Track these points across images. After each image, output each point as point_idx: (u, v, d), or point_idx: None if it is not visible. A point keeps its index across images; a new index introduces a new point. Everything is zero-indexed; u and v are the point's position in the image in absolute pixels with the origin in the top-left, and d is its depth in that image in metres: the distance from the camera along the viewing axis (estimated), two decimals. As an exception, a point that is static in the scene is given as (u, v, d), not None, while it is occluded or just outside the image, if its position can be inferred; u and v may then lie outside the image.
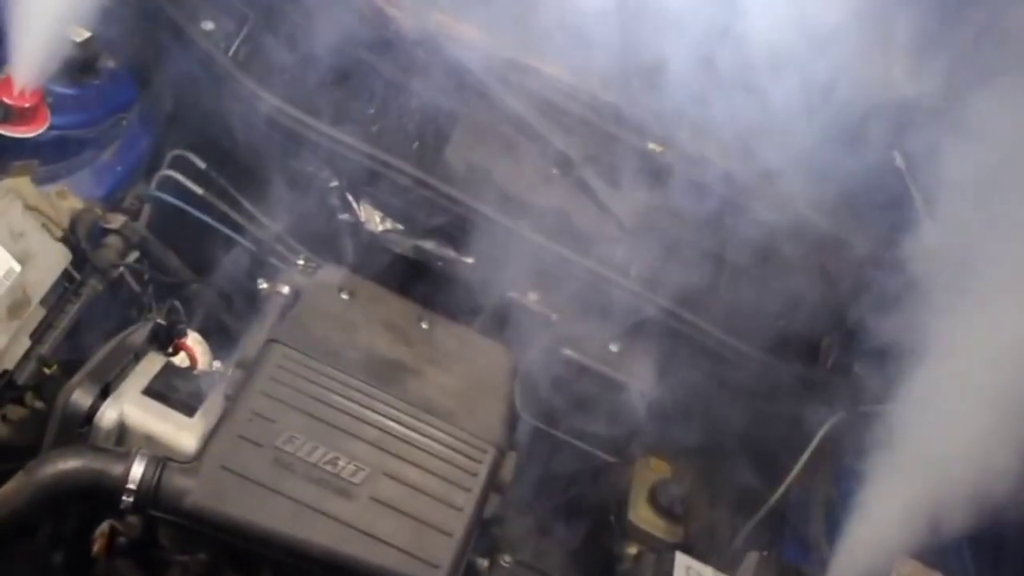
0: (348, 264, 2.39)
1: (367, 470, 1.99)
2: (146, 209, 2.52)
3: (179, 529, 1.98)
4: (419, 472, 2.03)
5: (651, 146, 2.59)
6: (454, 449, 2.08)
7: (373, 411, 2.07)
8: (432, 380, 2.19)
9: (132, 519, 2.02)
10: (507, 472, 2.13)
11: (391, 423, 2.07)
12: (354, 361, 2.14)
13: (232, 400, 2.04)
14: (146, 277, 2.45)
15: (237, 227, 2.51)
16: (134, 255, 2.43)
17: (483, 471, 2.07)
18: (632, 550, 2.40)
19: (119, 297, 2.47)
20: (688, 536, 2.48)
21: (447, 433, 2.09)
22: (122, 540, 2.06)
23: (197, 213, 2.49)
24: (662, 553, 2.23)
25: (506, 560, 2.13)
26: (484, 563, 2.13)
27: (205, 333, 2.36)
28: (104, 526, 2.04)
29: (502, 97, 2.50)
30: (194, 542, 2.01)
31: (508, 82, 2.53)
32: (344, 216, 2.43)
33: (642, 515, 2.45)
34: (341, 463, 1.99)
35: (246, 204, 2.50)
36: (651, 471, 2.54)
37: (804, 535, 2.41)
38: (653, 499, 2.46)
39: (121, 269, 2.38)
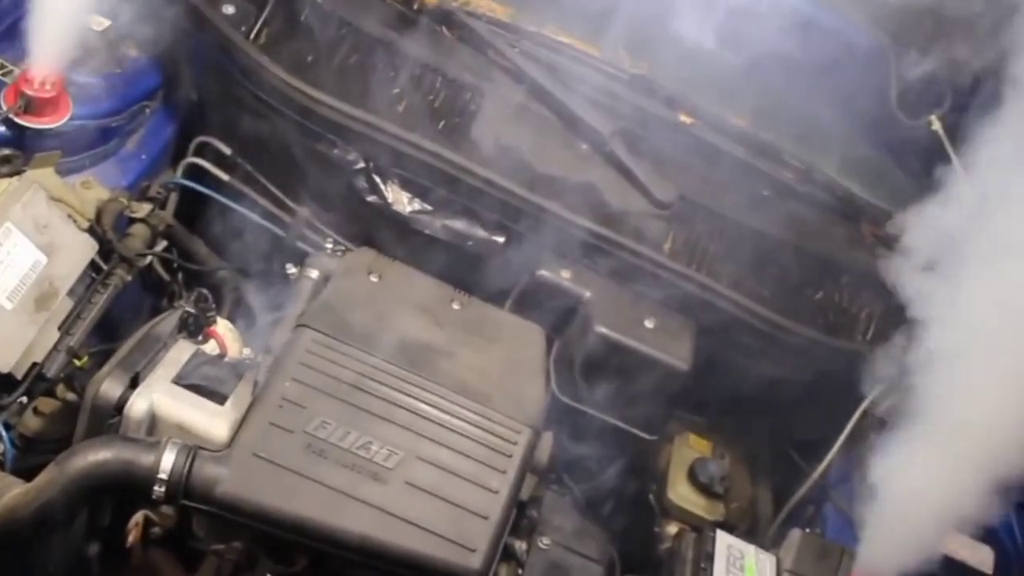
0: (377, 247, 2.35)
1: (400, 454, 1.96)
2: (172, 197, 2.50)
3: (213, 518, 1.97)
4: (453, 455, 2.00)
5: (682, 118, 2.54)
6: (489, 431, 2.04)
7: (405, 394, 2.04)
8: (465, 361, 2.16)
9: (166, 509, 2.01)
10: (543, 453, 2.10)
11: (424, 406, 2.04)
12: (385, 344, 2.11)
13: (262, 387, 2.01)
14: (174, 265, 2.43)
15: (265, 213, 2.48)
16: (161, 244, 2.42)
17: (518, 452, 2.04)
18: (672, 529, 2.36)
19: (148, 287, 2.46)
20: (728, 514, 2.44)
21: (481, 415, 2.06)
22: (156, 530, 2.05)
23: (224, 200, 2.47)
24: (702, 532, 2.18)
25: (544, 542, 2.10)
26: (522, 545, 2.09)
27: (235, 320, 2.34)
28: (138, 517, 2.03)
29: (529, 73, 2.46)
30: (228, 531, 2.00)
31: (535, 57, 2.49)
32: (372, 198, 2.40)
33: (681, 493, 2.42)
34: (374, 448, 1.96)
35: (273, 189, 2.47)
36: (690, 448, 2.50)
37: (846, 512, 2.36)
38: (692, 477, 2.42)
39: (149, 259, 2.36)
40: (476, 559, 1.91)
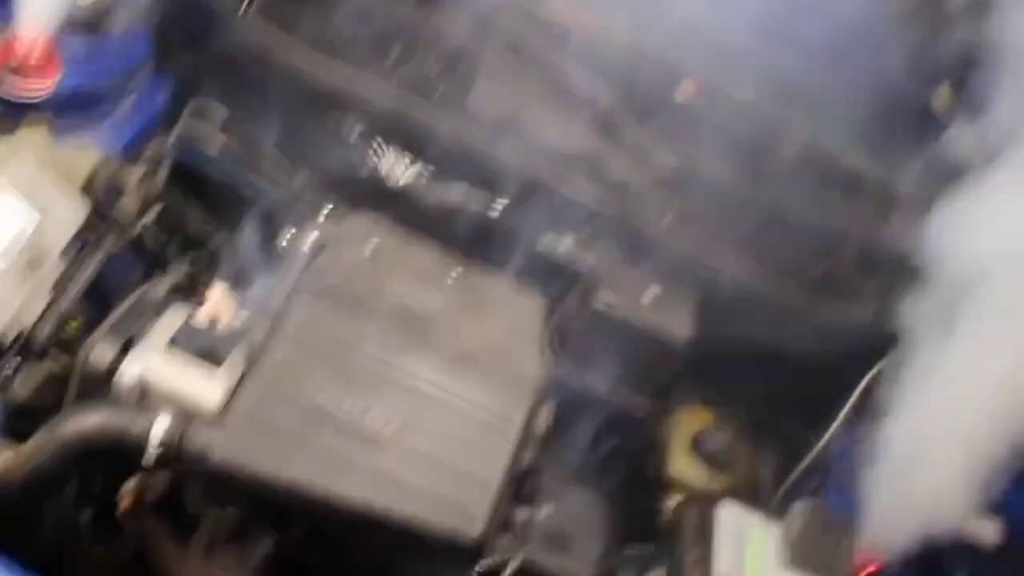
0: (374, 214, 2.31)
1: (399, 421, 1.94)
2: (166, 161, 2.45)
3: (207, 485, 1.94)
4: (453, 422, 1.98)
5: (685, 86, 2.50)
6: (489, 398, 2.01)
7: (404, 361, 2.01)
8: (464, 329, 2.13)
9: (159, 476, 1.98)
10: (543, 422, 2.07)
11: (423, 373, 2.01)
12: (383, 311, 2.08)
13: (257, 353, 1.98)
14: (168, 230, 2.38)
15: (261, 178, 2.43)
16: (155, 209, 2.38)
17: (518, 421, 2.01)
18: (672, 501, 2.33)
19: (141, 252, 2.42)
20: (731, 486, 2.41)
21: (481, 383, 2.03)
22: (150, 497, 2.02)
23: (219, 164, 2.42)
24: (705, 503, 2.15)
25: (544, 512, 2.07)
26: (522, 515, 2.07)
27: (230, 285, 2.30)
28: (131, 483, 1.99)
29: (529, 40, 2.41)
30: (224, 497, 1.97)
31: (535, 24, 2.44)
32: (367, 167, 2.36)
33: (683, 465, 2.39)
34: (372, 414, 1.93)
35: (270, 153, 2.42)
36: (692, 420, 2.47)
37: (847, 485, 2.33)
38: (696, 448, 2.39)
39: (141, 223, 2.32)
40: (476, 525, 1.89)
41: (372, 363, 1.99)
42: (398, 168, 2.35)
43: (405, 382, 1.98)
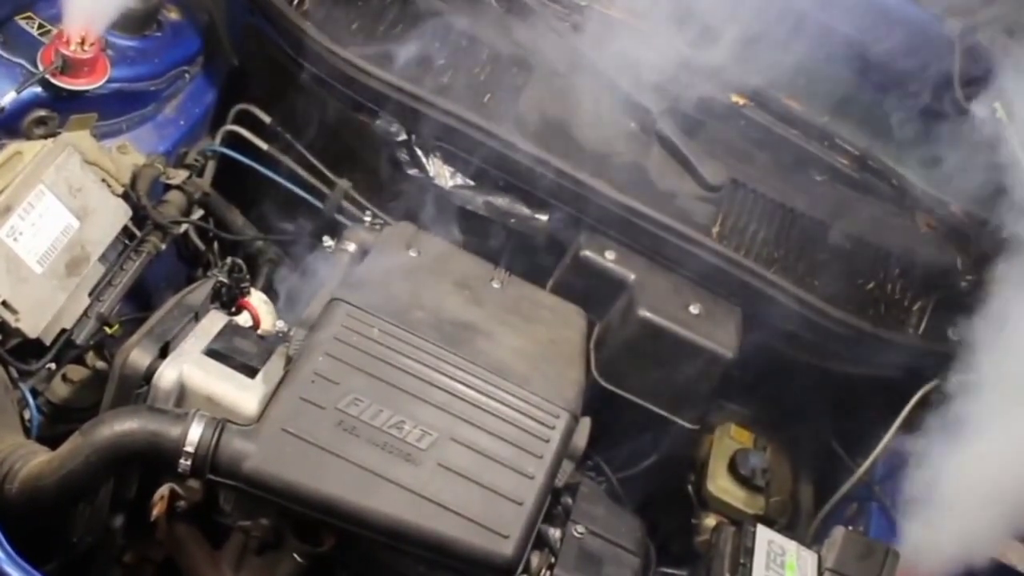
0: (417, 221, 2.29)
1: (434, 435, 1.90)
2: (210, 165, 2.45)
3: (240, 494, 1.91)
4: (489, 438, 1.93)
5: (734, 99, 2.47)
6: (526, 414, 1.98)
7: (441, 373, 1.98)
8: (504, 342, 2.09)
9: (192, 483, 1.97)
10: (581, 439, 2.03)
11: (460, 386, 1.97)
12: (422, 320, 2.05)
13: (294, 361, 1.96)
14: (210, 235, 2.38)
15: (304, 184, 2.43)
16: (197, 213, 2.38)
17: (556, 438, 1.97)
18: (710, 521, 2.29)
19: (183, 256, 2.42)
20: (768, 508, 2.37)
21: (519, 397, 1.99)
22: (182, 504, 2.00)
23: (262, 169, 2.41)
24: (742, 525, 2.11)
25: (578, 530, 2.03)
26: (556, 533, 2.03)
27: (269, 292, 2.29)
28: (163, 490, 1.98)
29: (578, 47, 2.38)
30: (256, 507, 1.95)
31: (584, 31, 2.41)
32: (413, 171, 2.34)
33: (721, 485, 2.35)
34: (407, 427, 1.90)
35: (313, 159, 2.41)
36: (731, 439, 2.43)
37: (890, 510, 2.29)
38: (733, 469, 2.35)
39: (184, 227, 2.32)
40: (509, 545, 1.85)
41: (410, 374, 1.95)
42: (443, 173, 2.33)
43: (443, 395, 1.95)
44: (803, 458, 2.54)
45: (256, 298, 2.25)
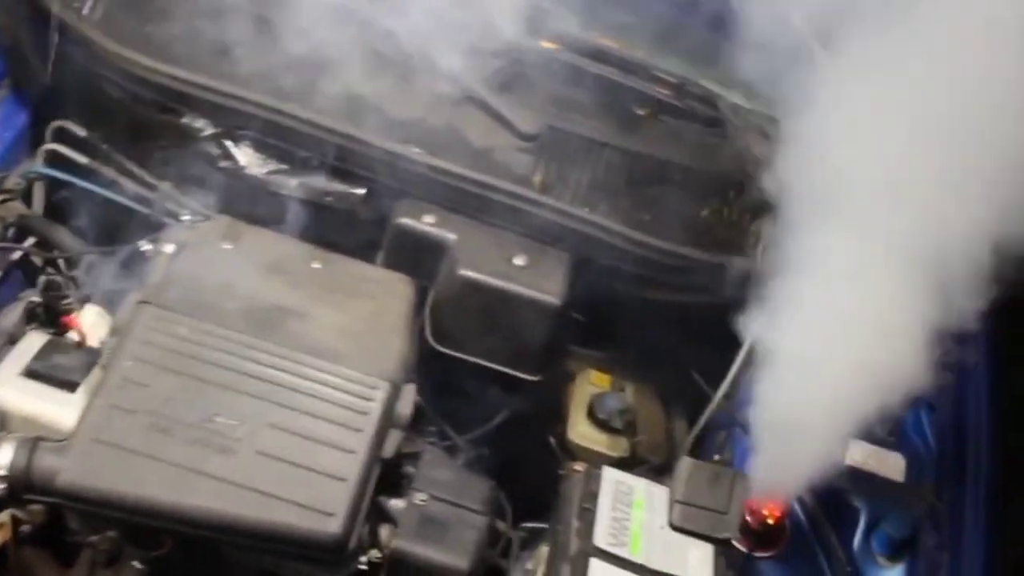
0: (238, 213, 2.28)
1: (249, 423, 1.90)
2: (38, 187, 2.43)
3: (79, 510, 1.92)
4: (306, 419, 1.93)
5: (545, 45, 2.44)
6: (342, 390, 1.97)
7: (253, 362, 1.98)
8: (319, 321, 2.08)
9: (35, 506, 1.96)
10: (405, 407, 2.02)
11: (273, 371, 1.97)
12: (232, 312, 2.04)
13: (105, 369, 1.95)
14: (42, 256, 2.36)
15: (130, 192, 2.40)
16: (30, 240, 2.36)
17: (376, 409, 1.97)
18: (579, 469, 2.28)
19: (12, 278, 2.40)
20: (638, 448, 2.35)
21: (334, 374, 1.99)
22: (26, 528, 2.00)
23: (86, 184, 2.39)
24: (589, 470, 2.09)
25: (420, 498, 2.02)
26: (399, 503, 2.02)
27: (106, 304, 2.27)
28: (3, 517, 1.98)
29: (372, 15, 2.35)
30: (100, 521, 1.94)
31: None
32: (225, 163, 2.32)
33: (582, 432, 2.34)
34: (221, 420, 1.90)
35: (132, 167, 2.39)
36: (591, 385, 2.42)
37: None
38: (592, 414, 2.34)
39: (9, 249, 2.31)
40: (335, 523, 1.85)
41: (220, 367, 1.95)
42: (255, 162, 2.31)
43: (255, 383, 1.94)
44: (671, 394, 2.53)
45: (90, 312, 2.23)
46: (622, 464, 2.27)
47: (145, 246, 2.24)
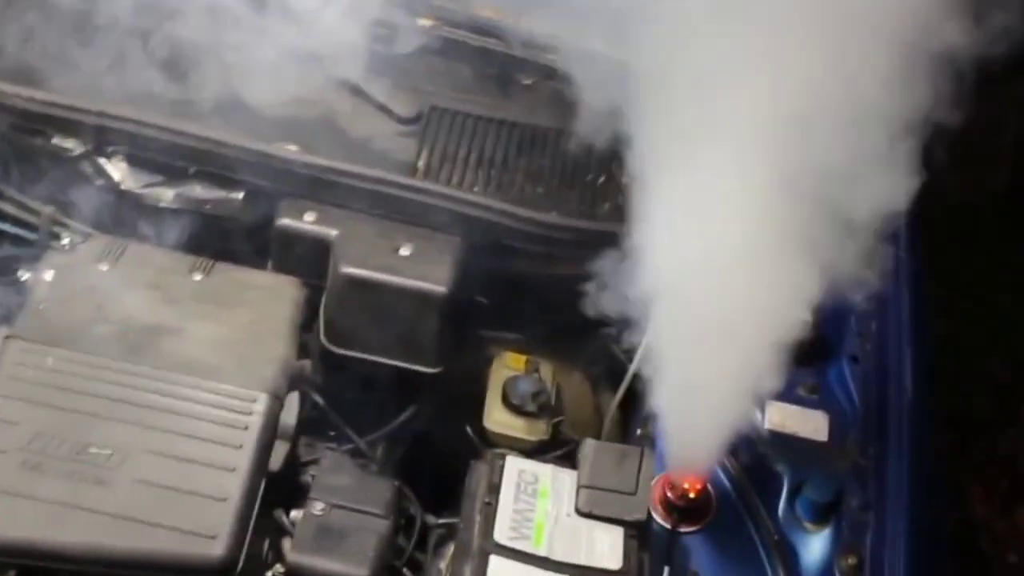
0: (118, 231, 2.22)
1: (124, 452, 1.84)
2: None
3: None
4: (182, 441, 1.87)
5: (421, 22, 2.36)
6: (219, 407, 1.91)
7: (125, 387, 1.92)
8: (196, 336, 2.02)
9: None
10: (290, 416, 1.96)
11: (146, 395, 1.91)
12: (104, 338, 1.98)
13: (-27, 410, 1.90)
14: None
15: (17, 220, 2.34)
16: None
17: (256, 423, 1.91)
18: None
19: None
20: (561, 429, 2.27)
21: (209, 391, 1.92)
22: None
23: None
24: (492, 460, 2.02)
25: (318, 508, 1.96)
26: (296, 514, 1.97)
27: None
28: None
29: (239, 15, 2.27)
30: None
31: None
32: (100, 182, 2.25)
33: (497, 419, 2.24)
34: (94, 450, 1.84)
35: (14, 194, 2.32)
36: (507, 368, 2.32)
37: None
38: (506, 399, 2.26)
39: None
40: (218, 545, 1.79)
41: (92, 396, 1.89)
42: (130, 176, 2.24)
43: (129, 408, 1.88)
44: (596, 368, 2.45)
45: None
46: (543, 447, 2.20)
47: (24, 275, 2.17)
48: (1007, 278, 4.39)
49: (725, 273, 1.79)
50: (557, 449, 2.21)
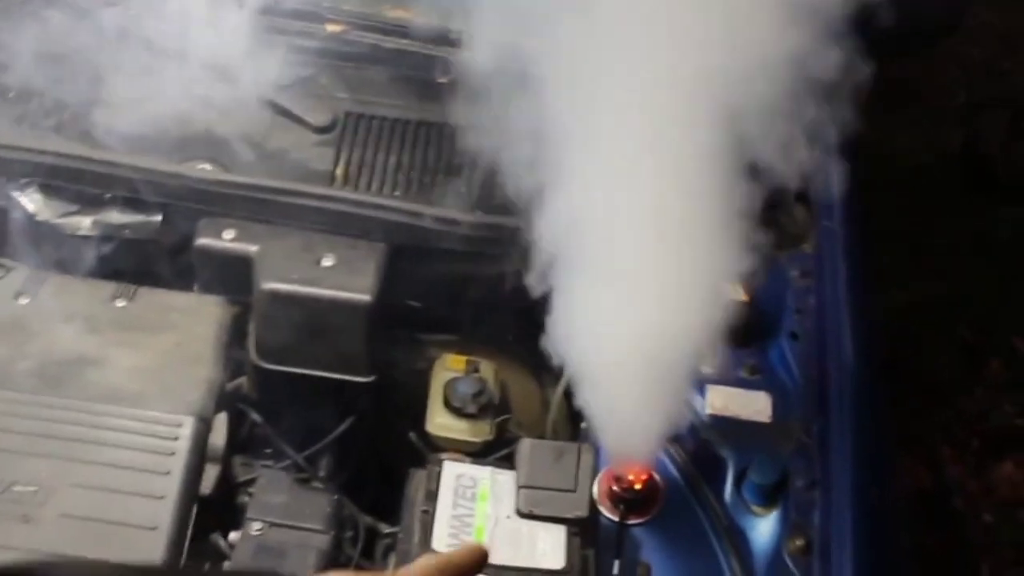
0: (37, 264, 2.18)
1: (49, 487, 1.82)
2: None
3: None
4: (108, 471, 1.85)
5: (330, 28, 2.32)
6: (143, 434, 1.89)
7: (47, 421, 1.90)
8: (119, 365, 2.00)
9: None
10: (218, 438, 1.94)
11: (69, 427, 1.89)
12: (22, 373, 1.96)
13: None
14: None
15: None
16: None
17: (182, 447, 1.89)
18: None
19: None
20: (503, 429, 2.24)
21: (132, 419, 1.91)
22: None
23: None
24: (429, 466, 1.99)
25: (255, 528, 1.94)
26: (235, 536, 1.95)
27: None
28: None
29: (144, 30, 2.24)
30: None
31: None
32: (16, 215, 2.21)
33: (440, 422, 2.20)
34: (18, 488, 1.81)
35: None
36: (448, 370, 2.28)
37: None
38: (447, 402, 2.23)
39: None
40: (150, 576, 1.76)
41: (12, 432, 1.87)
42: (45, 207, 2.20)
43: (52, 443, 1.86)
44: (541, 363, 2.41)
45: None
46: (489, 448, 2.17)
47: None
48: (971, 239, 4.39)
49: (644, 251, 1.77)
50: (504, 448, 2.18)
